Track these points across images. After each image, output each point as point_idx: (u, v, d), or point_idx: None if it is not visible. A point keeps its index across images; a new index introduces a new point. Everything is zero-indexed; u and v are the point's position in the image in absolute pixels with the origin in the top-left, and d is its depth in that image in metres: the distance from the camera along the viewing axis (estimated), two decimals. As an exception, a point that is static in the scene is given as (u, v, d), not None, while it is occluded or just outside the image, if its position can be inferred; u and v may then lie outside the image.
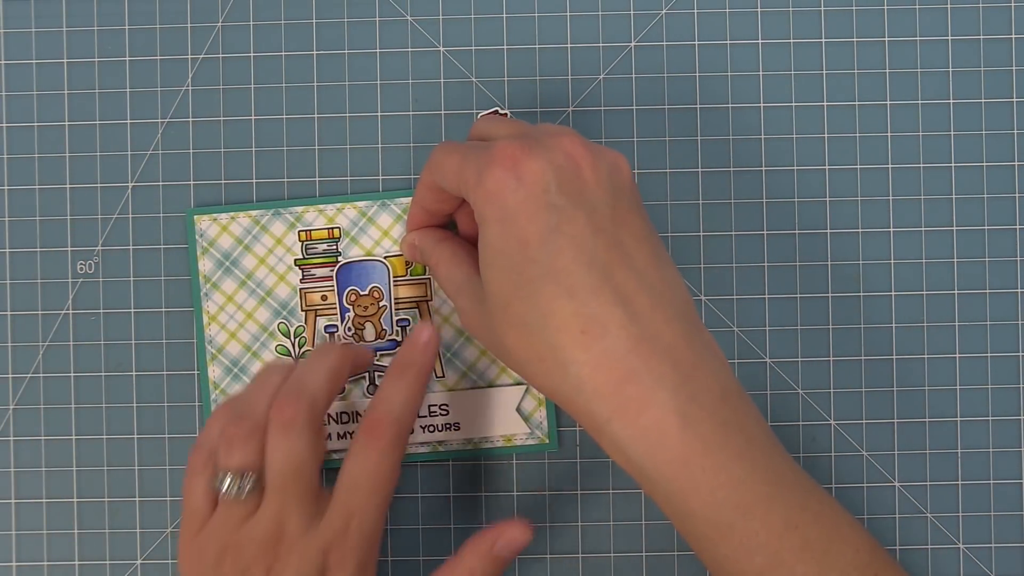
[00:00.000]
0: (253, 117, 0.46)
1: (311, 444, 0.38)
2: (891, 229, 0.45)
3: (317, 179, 0.45)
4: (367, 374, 0.45)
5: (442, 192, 0.40)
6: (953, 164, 0.45)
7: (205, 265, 0.45)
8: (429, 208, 0.42)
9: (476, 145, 0.38)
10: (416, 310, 0.45)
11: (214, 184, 0.46)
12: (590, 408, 0.35)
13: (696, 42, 0.46)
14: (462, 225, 0.43)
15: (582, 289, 0.35)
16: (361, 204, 0.45)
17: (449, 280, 0.41)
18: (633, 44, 0.46)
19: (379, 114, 0.46)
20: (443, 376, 0.45)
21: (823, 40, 0.46)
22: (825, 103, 0.45)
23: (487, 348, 0.39)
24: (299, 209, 0.45)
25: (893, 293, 0.45)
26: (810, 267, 0.45)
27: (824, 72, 0.45)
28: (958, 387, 0.45)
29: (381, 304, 0.45)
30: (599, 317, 0.35)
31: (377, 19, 0.46)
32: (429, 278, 0.45)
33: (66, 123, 0.46)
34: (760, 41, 0.46)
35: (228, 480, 0.38)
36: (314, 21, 0.46)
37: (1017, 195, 0.45)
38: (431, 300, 0.45)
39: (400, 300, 0.45)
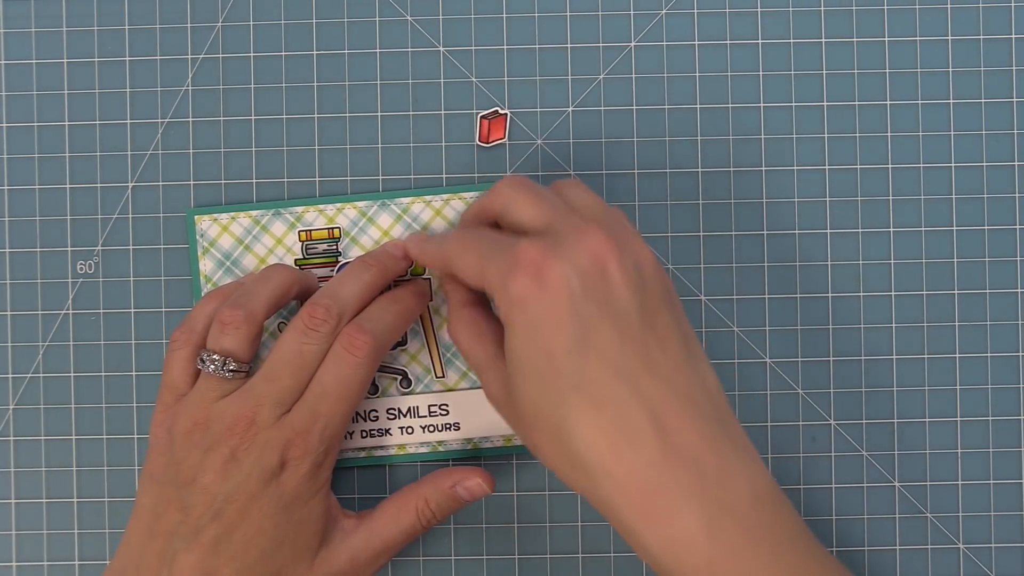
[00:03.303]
0: (253, 117, 0.46)
1: (323, 350, 0.40)
2: (891, 229, 0.45)
3: (317, 179, 0.45)
4: (367, 374, 0.45)
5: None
6: (953, 164, 0.45)
7: (206, 265, 0.45)
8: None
9: (496, 241, 0.38)
10: (416, 310, 0.45)
11: (214, 184, 0.46)
12: (621, 516, 0.35)
13: (696, 42, 0.46)
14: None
15: (610, 402, 0.35)
16: (361, 204, 0.45)
17: (471, 355, 0.40)
18: (633, 44, 0.46)
19: (379, 114, 0.46)
20: (443, 376, 0.45)
21: (823, 40, 0.46)
22: (825, 103, 0.45)
23: (514, 432, 0.40)
24: (299, 209, 0.45)
25: (893, 293, 0.45)
26: (810, 267, 0.45)
27: (824, 72, 0.45)
28: (958, 387, 0.45)
29: (381, 304, 0.45)
30: (627, 431, 0.35)
31: (377, 19, 0.46)
32: (429, 278, 0.45)
33: (66, 123, 0.46)
34: (760, 41, 0.46)
35: (215, 360, 0.40)
36: (314, 21, 0.46)
37: (1017, 195, 0.45)
38: (431, 300, 0.45)
39: (400, 300, 0.45)
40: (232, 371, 0.40)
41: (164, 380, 0.41)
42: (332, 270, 0.45)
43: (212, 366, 0.40)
